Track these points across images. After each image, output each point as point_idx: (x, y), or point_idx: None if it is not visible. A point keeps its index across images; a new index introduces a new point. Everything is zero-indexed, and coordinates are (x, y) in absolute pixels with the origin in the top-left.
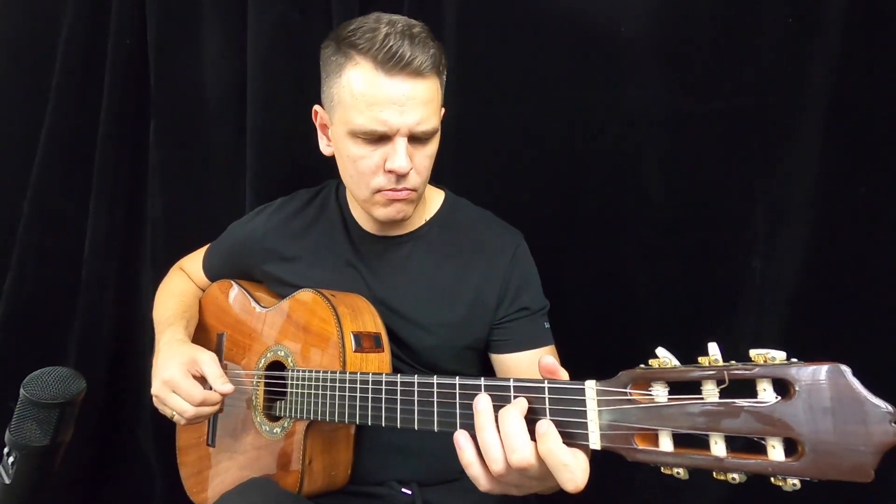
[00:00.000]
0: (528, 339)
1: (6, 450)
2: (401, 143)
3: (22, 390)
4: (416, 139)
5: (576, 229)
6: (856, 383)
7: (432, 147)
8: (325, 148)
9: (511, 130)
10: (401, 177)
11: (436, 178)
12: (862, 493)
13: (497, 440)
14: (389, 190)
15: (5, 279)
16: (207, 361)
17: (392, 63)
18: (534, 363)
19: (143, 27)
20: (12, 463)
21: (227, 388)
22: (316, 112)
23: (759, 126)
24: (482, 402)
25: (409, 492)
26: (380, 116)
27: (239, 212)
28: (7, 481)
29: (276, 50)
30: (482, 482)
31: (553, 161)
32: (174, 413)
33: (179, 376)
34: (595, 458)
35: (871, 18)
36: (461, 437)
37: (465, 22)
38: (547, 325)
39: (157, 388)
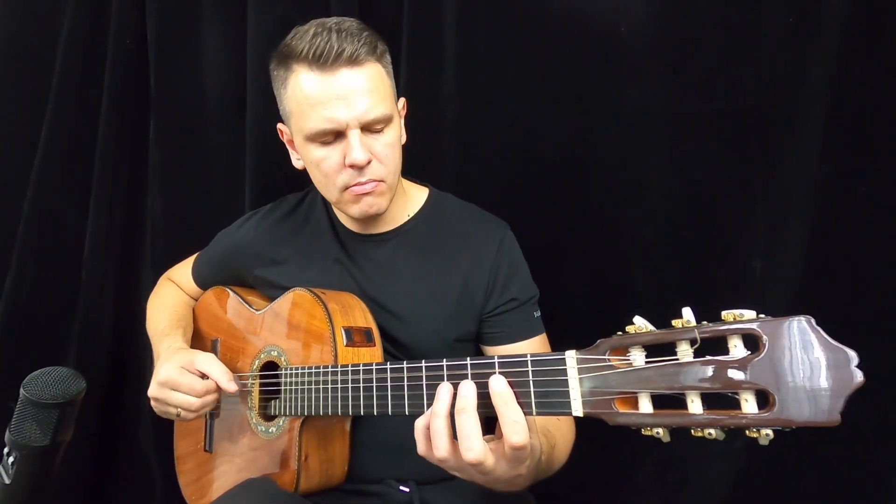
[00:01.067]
0: (519, 330)
1: (6, 450)
2: (354, 135)
3: (22, 390)
4: (369, 130)
5: (575, 229)
6: (820, 332)
7: (391, 135)
8: (296, 162)
9: (511, 130)
10: (362, 169)
11: (436, 178)
12: (863, 495)
13: (444, 429)
14: (355, 185)
15: (5, 279)
16: (207, 361)
17: (322, 59)
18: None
19: (143, 27)
20: (12, 463)
21: (232, 387)
22: (281, 131)
23: (759, 126)
24: (443, 390)
25: (407, 489)
26: (326, 115)
27: (239, 212)
28: (7, 481)
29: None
30: (420, 447)
31: (553, 161)
32: (178, 410)
33: (176, 374)
34: (594, 457)
35: (871, 18)
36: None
37: (465, 22)
38: (537, 315)
39: (154, 391)
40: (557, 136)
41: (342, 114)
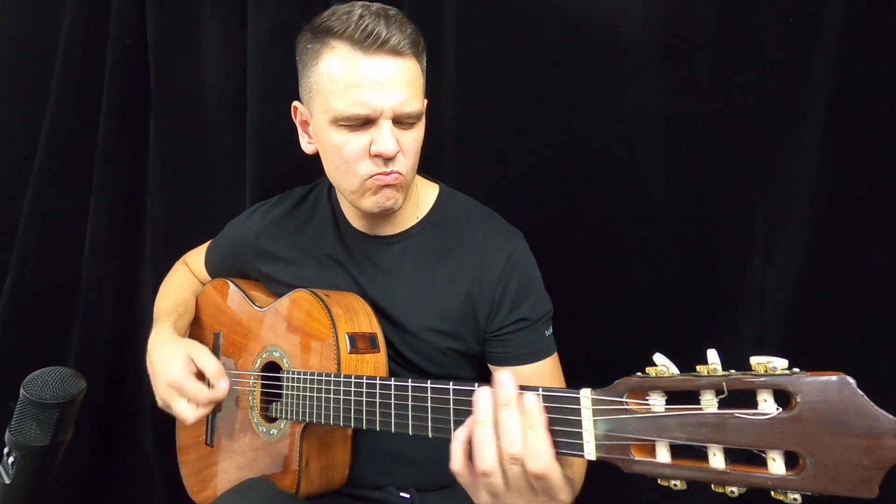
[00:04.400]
0: (528, 352)
1: (6, 450)
2: (385, 125)
3: (22, 390)
4: (400, 123)
5: (575, 229)
6: (860, 395)
7: (418, 132)
8: (306, 146)
9: (511, 130)
10: (388, 160)
11: (436, 178)
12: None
13: (491, 437)
14: (378, 174)
15: (5, 279)
16: (203, 357)
17: (369, 41)
18: (534, 377)
19: (143, 27)
20: (12, 463)
21: (225, 384)
22: (295, 108)
23: (759, 126)
24: (482, 397)
25: (408, 496)
26: (361, 98)
27: (239, 212)
28: (7, 481)
29: (276, 50)
30: (457, 462)
31: (553, 161)
32: (180, 414)
33: (184, 378)
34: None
35: (871, 18)
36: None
37: (465, 22)
38: (549, 333)
39: (163, 392)
40: (557, 136)
41: (378, 100)
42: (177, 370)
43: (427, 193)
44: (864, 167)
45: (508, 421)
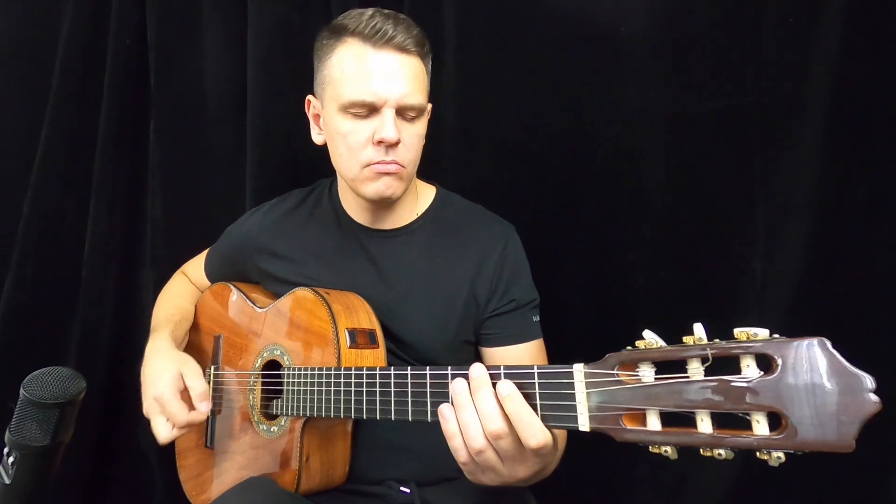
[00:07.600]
0: (517, 333)
1: (6, 450)
2: (388, 113)
3: (22, 390)
4: (403, 116)
5: (575, 229)
6: (836, 355)
7: (420, 126)
8: (316, 137)
9: (511, 130)
10: (390, 147)
11: (436, 177)
12: (862, 494)
13: (475, 418)
14: (378, 162)
15: (5, 279)
16: (192, 376)
17: (377, 37)
18: (521, 357)
19: (143, 27)
20: (12, 463)
21: (206, 407)
22: (309, 102)
23: (759, 126)
24: (459, 385)
25: (408, 490)
26: (368, 87)
27: (239, 212)
28: (7, 481)
29: (276, 50)
30: (461, 455)
31: (553, 161)
32: (154, 430)
33: (169, 395)
34: (592, 456)
35: (871, 18)
36: (445, 409)
37: (465, 22)
38: (536, 319)
39: (148, 404)
40: (557, 136)
41: (383, 90)
42: (164, 385)
43: (425, 193)
44: (864, 167)
45: (484, 402)
